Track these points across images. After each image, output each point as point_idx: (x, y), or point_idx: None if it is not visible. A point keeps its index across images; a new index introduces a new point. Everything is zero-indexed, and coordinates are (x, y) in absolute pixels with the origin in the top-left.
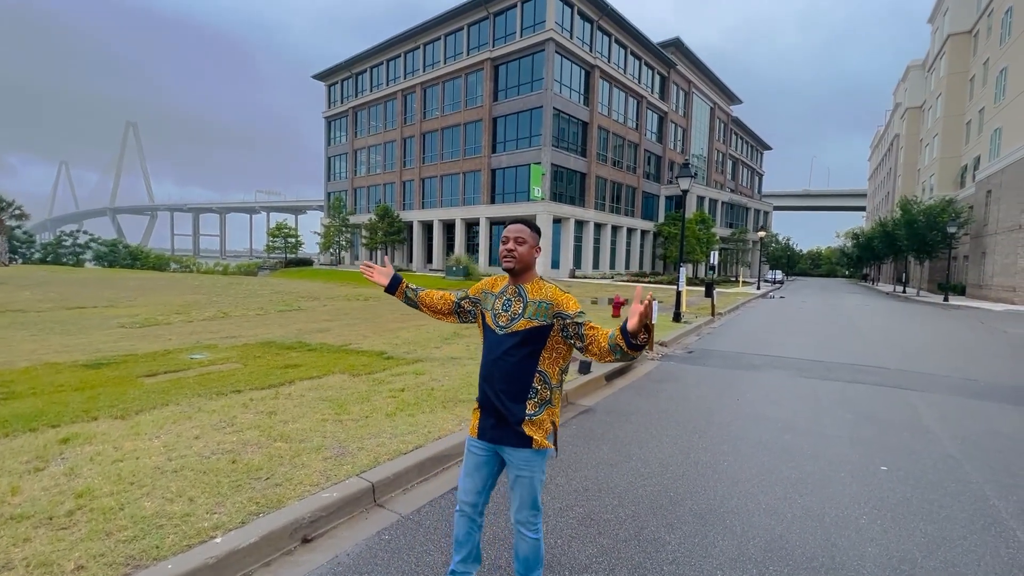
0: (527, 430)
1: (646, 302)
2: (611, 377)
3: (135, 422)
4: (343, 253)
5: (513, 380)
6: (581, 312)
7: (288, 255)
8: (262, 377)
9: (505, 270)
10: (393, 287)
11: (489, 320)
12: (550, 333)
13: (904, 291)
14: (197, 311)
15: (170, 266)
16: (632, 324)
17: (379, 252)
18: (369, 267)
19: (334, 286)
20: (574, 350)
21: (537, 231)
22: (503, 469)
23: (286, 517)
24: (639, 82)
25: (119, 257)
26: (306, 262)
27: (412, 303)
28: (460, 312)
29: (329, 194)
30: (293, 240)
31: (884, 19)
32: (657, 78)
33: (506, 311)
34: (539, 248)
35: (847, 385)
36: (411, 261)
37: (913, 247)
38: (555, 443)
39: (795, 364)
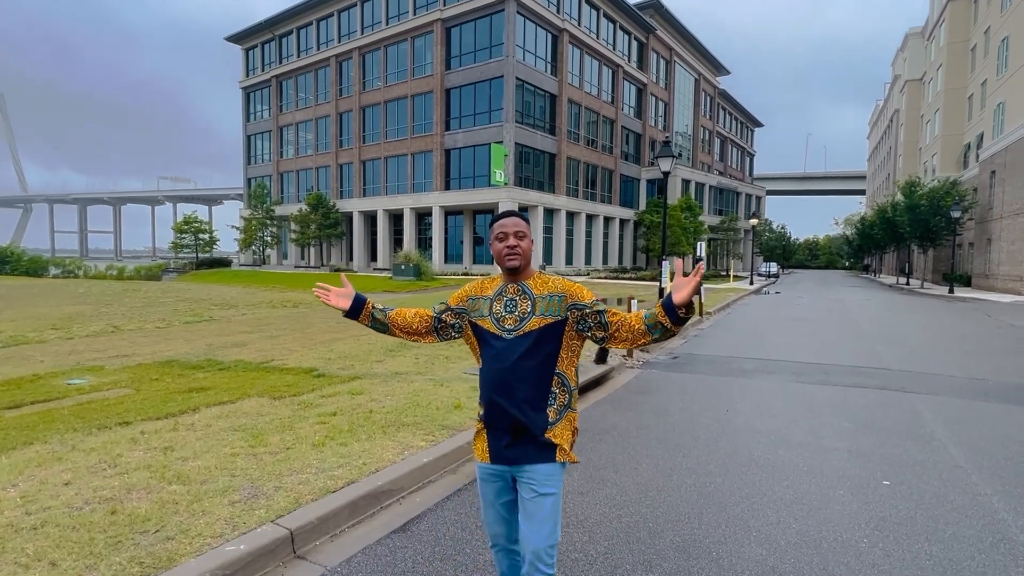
0: (552, 439)
1: (700, 274)
2: (584, 389)
3: None
4: (268, 251)
5: (531, 387)
6: (597, 300)
7: (200, 254)
8: (158, 405)
9: (508, 270)
10: (356, 311)
11: (489, 326)
12: (565, 329)
13: (908, 283)
14: (80, 325)
15: (49, 270)
16: (682, 296)
17: (312, 248)
18: (324, 289)
19: (256, 291)
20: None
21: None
22: None
23: None
24: (614, 49)
25: None
26: (223, 262)
27: (381, 327)
28: (441, 329)
29: (250, 180)
30: (206, 236)
31: None
32: (635, 44)
33: (511, 312)
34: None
35: (846, 390)
36: (351, 259)
37: (916, 234)
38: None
39: (790, 368)
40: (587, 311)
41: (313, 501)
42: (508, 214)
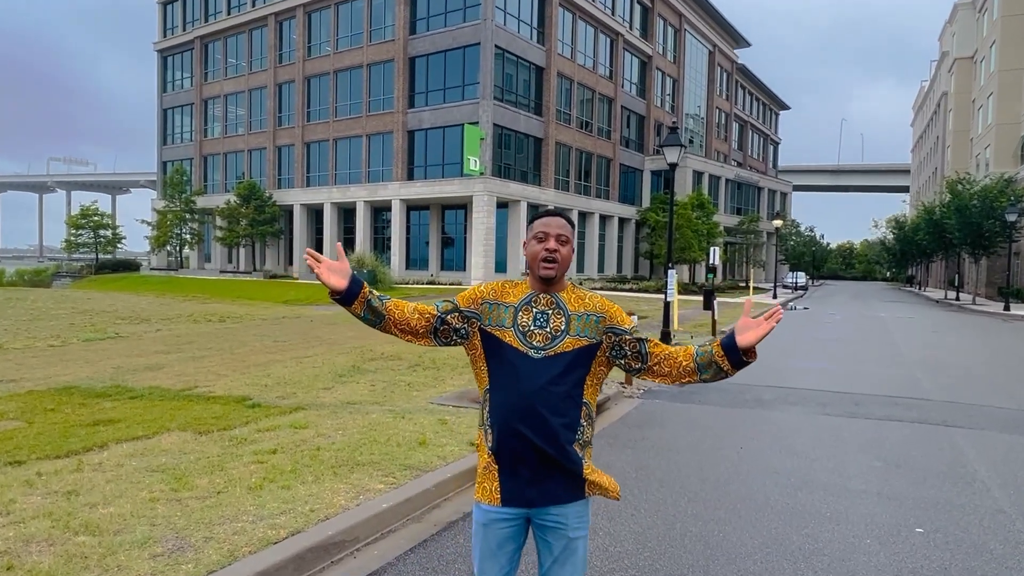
0: (588, 475)
1: (777, 319)
2: None
3: None
4: (187, 252)
5: (562, 416)
6: (636, 326)
7: (101, 255)
8: (57, 441)
9: (542, 279)
10: (352, 294)
11: (512, 340)
12: (596, 354)
13: (957, 297)
14: None
15: None
16: (750, 339)
17: (242, 250)
18: (315, 257)
19: (173, 301)
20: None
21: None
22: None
23: None
24: (613, 14)
25: None
26: (130, 265)
27: (375, 319)
28: (442, 331)
29: (165, 164)
30: (108, 233)
31: None
32: (638, 9)
33: (541, 328)
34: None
35: (879, 424)
36: (291, 263)
37: (965, 240)
38: None
39: (815, 397)
40: (626, 337)
41: (251, 554)
42: (553, 213)
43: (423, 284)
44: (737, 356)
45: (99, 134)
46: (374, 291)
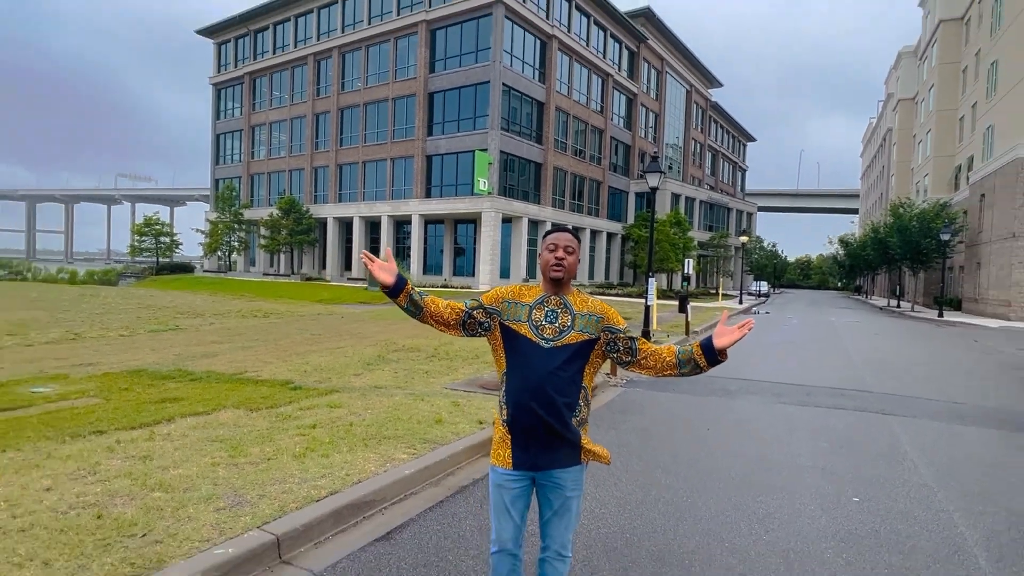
0: (584, 444)
1: (748, 328)
2: None
3: None
4: (235, 257)
5: (565, 396)
6: (628, 327)
7: (161, 259)
8: (131, 415)
9: (552, 280)
10: (398, 289)
11: (527, 332)
12: (594, 347)
13: (898, 305)
14: (37, 332)
15: None
16: (725, 342)
17: (283, 256)
18: (370, 258)
19: (224, 299)
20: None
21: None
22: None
23: None
24: (604, 57)
25: None
26: (185, 268)
27: (415, 311)
28: (469, 324)
29: (218, 181)
30: (167, 239)
31: None
32: (625, 53)
33: (551, 323)
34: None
35: (827, 412)
36: (324, 267)
37: (906, 256)
38: None
39: (772, 389)
40: (620, 335)
41: (297, 509)
42: (561, 228)
43: (437, 288)
44: (713, 356)
45: (160, 154)
46: (415, 288)
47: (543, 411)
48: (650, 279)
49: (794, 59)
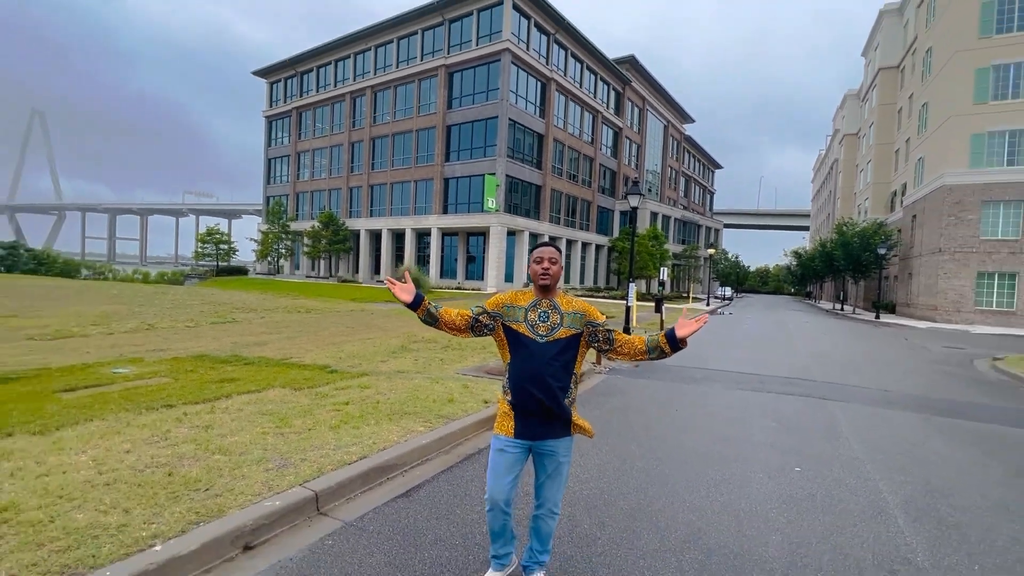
0: (574, 420)
1: (704, 321)
2: None
3: (57, 437)
4: (282, 262)
5: (559, 380)
6: (606, 321)
7: (220, 263)
8: (195, 392)
9: (541, 287)
10: (416, 304)
11: (525, 331)
12: (580, 339)
13: (842, 308)
14: (118, 323)
15: (80, 272)
16: (685, 332)
17: (322, 261)
18: (392, 282)
19: (272, 297)
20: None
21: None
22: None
23: (227, 525)
24: (595, 96)
25: (20, 261)
26: (240, 271)
27: (431, 320)
28: (476, 327)
29: (268, 198)
30: (226, 247)
31: (801, 28)
32: (612, 94)
33: (544, 322)
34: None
35: (777, 396)
36: (357, 271)
37: (849, 267)
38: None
39: (732, 377)
40: (600, 328)
41: (332, 471)
42: (546, 244)
43: (452, 289)
44: (675, 343)
45: (221, 175)
46: (431, 302)
47: (541, 394)
48: (630, 284)
49: (758, 98)
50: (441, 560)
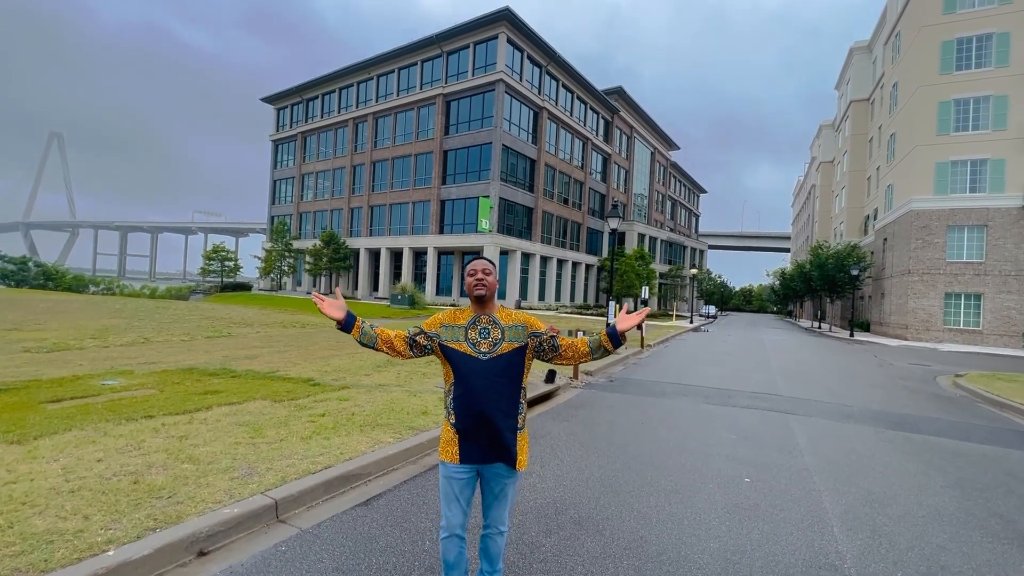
0: (519, 442)
1: (644, 314)
2: (533, 403)
3: (33, 447)
4: (285, 279)
5: (506, 399)
6: (548, 328)
7: (225, 279)
8: (178, 403)
9: (476, 298)
10: (349, 324)
11: (466, 349)
12: (526, 351)
13: (820, 327)
14: (115, 336)
15: (89, 288)
16: (624, 326)
17: (323, 278)
18: (320, 298)
19: (271, 312)
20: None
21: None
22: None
23: (183, 531)
24: (584, 125)
25: (29, 276)
26: (244, 287)
27: (370, 341)
28: (414, 347)
29: (273, 218)
30: (231, 263)
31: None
32: (602, 122)
33: (485, 338)
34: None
35: (741, 410)
36: (356, 288)
37: (824, 287)
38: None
39: (702, 392)
40: (543, 337)
41: (296, 479)
42: (478, 258)
43: (447, 305)
44: (617, 340)
45: (228, 194)
46: (366, 321)
47: (486, 414)
48: (610, 302)
49: (746, 126)
50: (388, 566)
